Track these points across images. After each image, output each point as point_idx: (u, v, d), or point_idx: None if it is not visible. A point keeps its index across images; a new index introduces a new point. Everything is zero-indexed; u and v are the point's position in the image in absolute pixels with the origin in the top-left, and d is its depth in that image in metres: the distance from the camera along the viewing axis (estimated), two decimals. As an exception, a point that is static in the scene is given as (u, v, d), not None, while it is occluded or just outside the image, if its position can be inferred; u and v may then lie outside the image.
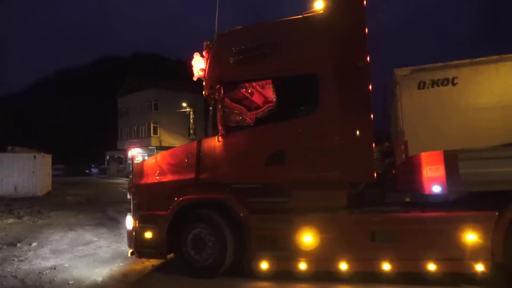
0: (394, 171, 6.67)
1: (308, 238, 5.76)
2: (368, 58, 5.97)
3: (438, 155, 5.60)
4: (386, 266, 5.57)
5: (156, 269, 7.06)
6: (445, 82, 8.93)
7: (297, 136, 6.04)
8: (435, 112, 8.67)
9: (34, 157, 23.24)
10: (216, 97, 6.47)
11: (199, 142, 6.72)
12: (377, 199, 6.67)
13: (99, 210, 16.30)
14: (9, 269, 7.09)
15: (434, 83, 9.03)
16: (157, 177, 6.96)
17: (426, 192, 5.69)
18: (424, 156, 5.81)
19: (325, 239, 5.75)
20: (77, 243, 9.43)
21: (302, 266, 5.84)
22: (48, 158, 25.91)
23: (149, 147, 49.39)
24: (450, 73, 8.74)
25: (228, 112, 6.69)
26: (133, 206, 6.77)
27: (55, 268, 7.08)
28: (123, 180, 38.71)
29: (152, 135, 51.80)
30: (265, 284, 6.01)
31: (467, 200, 6.02)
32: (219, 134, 6.35)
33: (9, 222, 13.18)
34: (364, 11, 6.08)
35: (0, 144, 28.21)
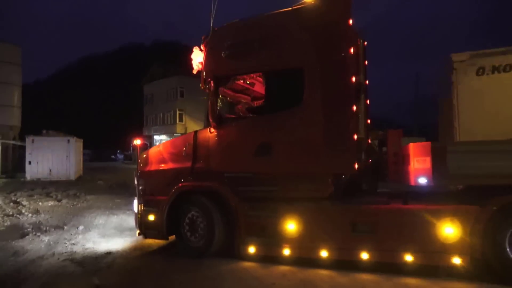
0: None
1: (292, 226, 6.01)
2: (352, 50, 5.88)
3: (425, 146, 5.60)
4: (364, 256, 5.64)
5: (215, 260, 6.73)
6: (507, 67, 8.44)
7: (282, 128, 6.19)
8: (495, 99, 8.22)
9: (68, 141, 23.55)
10: (206, 90, 6.76)
11: (196, 133, 7.09)
12: (369, 189, 6.90)
13: (133, 194, 16.28)
14: (64, 253, 7.02)
15: (495, 69, 8.55)
16: (159, 165, 7.42)
17: (412, 183, 5.66)
18: (412, 147, 5.72)
19: (308, 228, 5.97)
20: (123, 228, 9.36)
21: (286, 252, 6.10)
22: (80, 143, 26.21)
23: (175, 134, 49.65)
24: (512, 59, 8.24)
25: (225, 103, 7.10)
26: (139, 191, 7.30)
27: (110, 253, 6.98)
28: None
29: (177, 122, 51.98)
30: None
31: (462, 193, 5.92)
32: (211, 125, 6.64)
33: (50, 204, 13.33)
34: (350, 2, 5.97)
35: (26, 130, 28.71)
